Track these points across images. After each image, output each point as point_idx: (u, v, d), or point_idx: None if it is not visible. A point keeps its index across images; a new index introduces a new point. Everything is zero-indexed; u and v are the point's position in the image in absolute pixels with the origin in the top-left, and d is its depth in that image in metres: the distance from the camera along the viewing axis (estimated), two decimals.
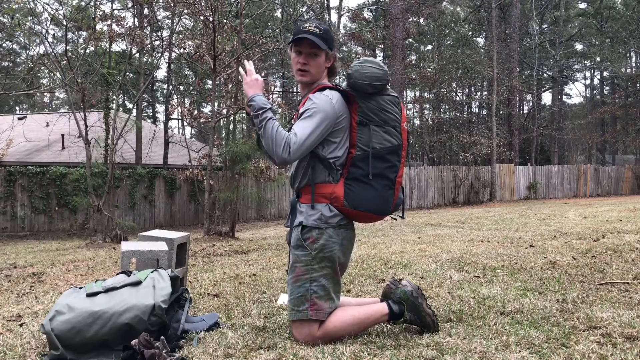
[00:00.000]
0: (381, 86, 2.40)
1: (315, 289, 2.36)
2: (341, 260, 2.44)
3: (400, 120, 2.45)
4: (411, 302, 2.45)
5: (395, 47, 21.39)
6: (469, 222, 9.76)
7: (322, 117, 2.34)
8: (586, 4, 34.26)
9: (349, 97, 2.42)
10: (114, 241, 9.10)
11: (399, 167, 2.43)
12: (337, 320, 2.36)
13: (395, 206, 2.47)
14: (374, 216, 2.44)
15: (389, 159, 2.40)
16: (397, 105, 2.45)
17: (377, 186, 2.38)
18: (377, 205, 2.40)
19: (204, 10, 9.96)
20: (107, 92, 13.41)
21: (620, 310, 2.70)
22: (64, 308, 2.34)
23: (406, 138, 2.48)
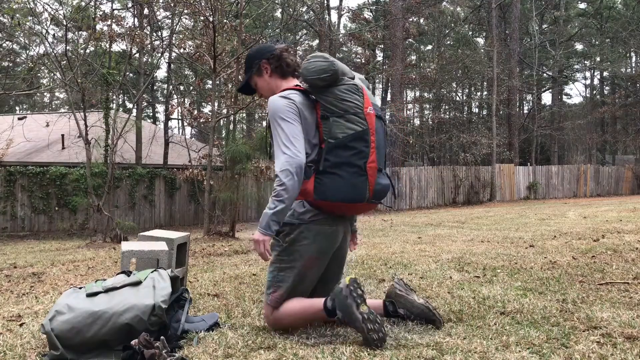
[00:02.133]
0: (330, 77, 2.41)
1: (280, 279, 2.49)
2: (315, 255, 2.48)
3: (362, 106, 2.44)
4: (340, 301, 2.33)
5: (395, 47, 21.39)
6: (469, 222, 9.76)
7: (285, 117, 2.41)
8: (586, 4, 34.25)
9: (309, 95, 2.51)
10: (114, 241, 9.10)
11: (368, 153, 2.40)
12: (283, 310, 2.47)
13: (375, 192, 2.42)
14: (350, 205, 2.41)
15: (354, 146, 2.39)
16: (357, 92, 2.45)
17: (344, 174, 2.38)
18: (347, 192, 2.38)
19: (204, 10, 9.96)
20: (107, 92, 13.41)
21: (620, 310, 2.70)
22: (64, 308, 2.34)
23: (373, 122, 2.44)
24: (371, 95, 2.56)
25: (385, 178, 2.51)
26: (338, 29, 24.89)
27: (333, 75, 2.43)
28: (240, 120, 20.05)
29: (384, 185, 2.48)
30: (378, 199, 2.48)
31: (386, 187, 2.50)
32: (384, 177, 2.50)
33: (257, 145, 9.32)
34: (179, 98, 20.78)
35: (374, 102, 2.53)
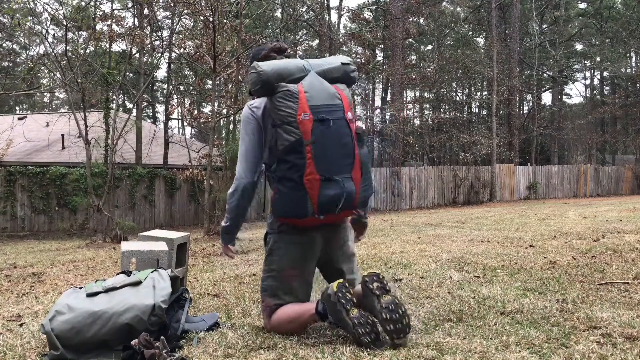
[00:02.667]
0: (260, 89, 2.33)
1: (264, 286, 2.54)
2: (291, 265, 2.46)
3: (294, 113, 2.24)
4: (330, 307, 2.29)
5: (395, 47, 21.39)
6: (469, 222, 9.76)
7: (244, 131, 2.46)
8: (586, 4, 34.25)
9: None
10: (114, 241, 9.10)
11: (303, 165, 2.22)
12: (276, 317, 2.46)
13: (320, 205, 2.25)
14: (303, 220, 2.32)
15: (287, 159, 2.25)
16: (290, 98, 2.25)
17: (284, 189, 2.28)
18: (288, 209, 2.32)
19: (204, 10, 9.96)
20: (107, 92, 13.42)
21: (620, 310, 2.70)
22: (64, 308, 2.34)
23: (309, 129, 2.22)
24: (320, 91, 2.31)
25: (336, 187, 2.26)
26: (338, 29, 24.90)
27: (263, 86, 2.32)
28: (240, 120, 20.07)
29: (332, 196, 2.25)
30: (330, 211, 2.29)
31: (338, 197, 2.26)
32: (334, 187, 2.26)
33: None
34: (179, 98, 20.78)
35: (315, 103, 2.27)
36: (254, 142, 2.43)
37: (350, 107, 2.37)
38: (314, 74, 2.37)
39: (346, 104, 2.35)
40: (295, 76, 2.33)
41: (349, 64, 2.48)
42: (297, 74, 2.34)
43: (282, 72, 2.32)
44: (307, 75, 2.35)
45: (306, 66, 2.38)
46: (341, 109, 2.32)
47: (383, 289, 2.28)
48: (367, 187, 2.40)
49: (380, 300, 2.25)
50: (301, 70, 2.36)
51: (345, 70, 2.46)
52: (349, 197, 2.30)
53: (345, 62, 2.47)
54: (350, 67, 2.48)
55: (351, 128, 2.33)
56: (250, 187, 2.46)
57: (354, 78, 2.50)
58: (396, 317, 2.20)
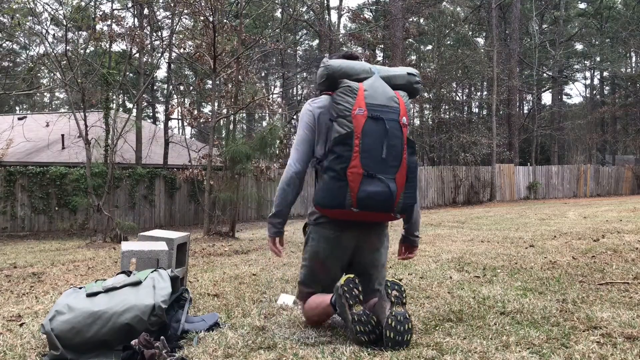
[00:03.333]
0: (325, 82, 2.45)
1: (299, 274, 2.68)
2: (320, 258, 2.54)
3: (350, 108, 2.33)
4: (337, 299, 2.34)
5: (395, 47, 21.39)
6: (469, 222, 9.76)
7: (300, 124, 2.57)
8: (586, 4, 34.25)
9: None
10: (114, 241, 9.10)
11: (348, 157, 2.29)
12: (306, 305, 2.58)
13: (359, 200, 2.29)
14: (336, 211, 2.37)
15: (336, 151, 2.32)
16: (349, 94, 2.35)
17: (326, 179, 2.34)
18: (324, 197, 2.36)
19: (204, 10, 9.96)
20: (107, 92, 13.41)
21: (620, 310, 2.70)
22: (64, 308, 2.34)
23: (361, 124, 2.30)
24: (380, 93, 2.39)
25: (379, 185, 2.30)
26: (338, 29, 24.89)
27: (327, 79, 2.44)
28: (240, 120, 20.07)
29: (372, 193, 2.29)
30: (369, 208, 2.32)
31: (377, 195, 2.30)
32: (378, 184, 2.30)
33: (257, 145, 9.31)
34: (179, 98, 20.78)
35: (372, 102, 2.35)
36: (306, 134, 2.52)
37: (406, 112, 2.42)
38: (378, 77, 2.45)
39: (403, 109, 2.41)
40: (360, 76, 2.43)
41: (415, 75, 2.54)
42: (362, 74, 2.44)
43: (348, 70, 2.44)
44: (371, 77, 2.44)
45: (372, 69, 2.48)
46: (397, 112, 2.38)
47: (399, 299, 2.29)
48: (410, 195, 2.42)
49: (392, 307, 2.26)
50: (366, 72, 2.46)
51: (410, 80, 2.52)
52: (390, 198, 2.33)
53: (411, 73, 2.55)
54: (415, 79, 2.54)
55: (403, 132, 2.38)
56: (296, 176, 2.52)
57: (417, 89, 2.55)
58: (401, 329, 2.21)
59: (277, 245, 2.62)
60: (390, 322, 2.23)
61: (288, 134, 11.55)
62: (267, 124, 11.36)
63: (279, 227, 2.60)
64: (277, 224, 2.59)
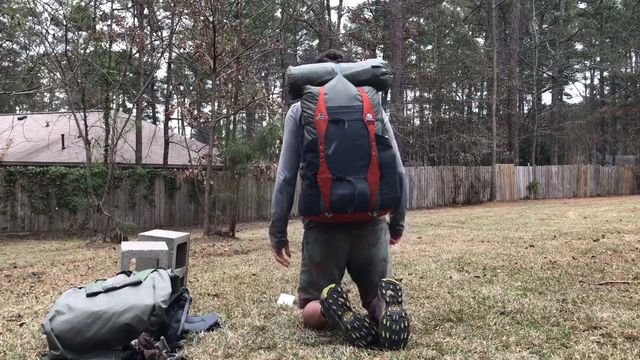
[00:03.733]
0: (290, 90, 2.47)
1: (300, 281, 2.66)
2: (317, 261, 2.55)
3: (312, 114, 2.32)
4: (325, 311, 2.31)
5: (395, 47, 21.39)
6: (469, 222, 9.76)
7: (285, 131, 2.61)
8: (586, 4, 34.26)
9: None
10: (114, 241, 9.10)
11: (317, 164, 2.28)
12: (304, 311, 2.59)
13: (332, 204, 2.27)
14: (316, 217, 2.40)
15: (307, 158, 2.33)
16: (311, 100, 2.34)
17: (303, 187, 2.37)
18: (303, 206, 2.37)
19: (204, 10, 9.96)
20: (107, 92, 13.41)
21: (620, 310, 2.70)
22: (64, 308, 2.34)
23: (323, 129, 2.28)
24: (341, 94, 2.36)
25: (348, 187, 2.27)
26: (338, 29, 24.88)
27: (291, 88, 2.46)
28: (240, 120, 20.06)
29: (342, 196, 2.27)
30: (342, 211, 2.30)
31: (347, 197, 2.27)
32: (345, 186, 2.27)
33: (257, 145, 9.32)
34: (179, 98, 20.79)
35: (332, 105, 2.32)
36: (291, 141, 2.55)
37: (372, 109, 2.37)
38: (340, 76, 2.43)
39: (367, 106, 2.36)
40: (323, 79, 2.43)
41: (380, 66, 2.48)
42: (325, 77, 2.43)
43: (310, 76, 2.44)
44: (333, 78, 2.42)
45: (335, 69, 2.46)
46: (359, 110, 2.34)
47: (394, 299, 2.27)
48: (389, 190, 2.35)
49: (388, 307, 2.25)
50: (329, 73, 2.45)
51: (374, 73, 2.47)
52: (362, 198, 2.29)
53: (376, 65, 2.48)
54: (380, 70, 2.47)
55: (369, 130, 2.33)
56: (285, 183, 2.55)
57: (384, 81, 2.48)
58: (396, 329, 2.19)
59: (282, 256, 2.67)
60: (386, 322, 2.22)
61: None
62: (267, 124, 11.35)
63: (279, 236, 2.63)
64: (277, 233, 2.63)
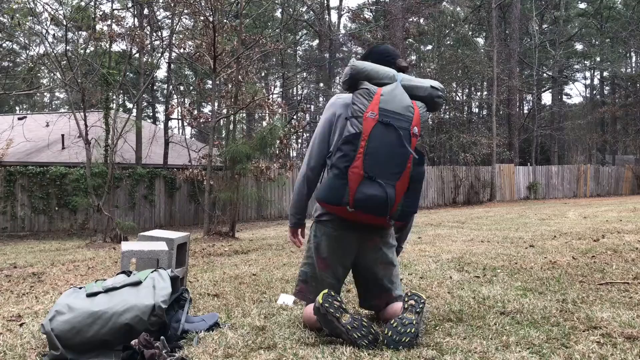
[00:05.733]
0: (348, 81, 2.51)
1: (300, 272, 2.66)
2: (322, 255, 2.54)
3: (364, 109, 2.36)
4: (321, 318, 2.29)
5: (395, 47, 21.34)
6: (469, 222, 9.76)
7: (321, 118, 2.64)
8: (586, 4, 34.25)
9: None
10: (114, 241, 9.10)
11: (352, 157, 2.31)
12: (304, 313, 2.56)
13: (355, 201, 2.29)
14: (333, 207, 2.39)
15: (343, 149, 2.35)
16: (366, 96, 2.39)
17: (330, 175, 2.39)
18: (324, 192, 2.38)
19: (204, 10, 9.96)
20: (107, 92, 13.41)
21: (620, 310, 2.70)
22: (64, 308, 2.34)
23: (369, 127, 2.32)
24: (397, 100, 2.39)
25: (377, 189, 2.30)
26: (338, 29, 24.90)
27: (350, 79, 2.49)
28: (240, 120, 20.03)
29: (369, 196, 2.29)
30: (364, 210, 2.33)
31: (374, 198, 2.29)
32: (376, 188, 2.30)
33: (257, 145, 9.31)
34: (179, 98, 20.79)
35: (386, 107, 2.36)
36: (324, 131, 2.58)
37: (419, 123, 2.41)
38: (399, 85, 2.47)
39: (416, 119, 2.40)
40: (382, 81, 2.47)
41: (438, 89, 2.52)
42: (384, 79, 2.47)
43: (371, 73, 2.47)
44: (393, 84, 2.46)
45: (396, 76, 2.50)
46: (409, 121, 2.38)
47: (413, 308, 2.31)
48: (411, 204, 2.40)
49: (404, 313, 2.30)
50: (390, 78, 2.49)
51: (431, 94, 2.50)
52: (385, 203, 2.32)
53: (435, 87, 2.52)
54: (438, 93, 2.51)
55: (412, 142, 2.37)
56: (309, 171, 2.59)
57: (437, 104, 2.53)
58: (401, 331, 2.20)
59: (297, 237, 2.73)
60: (394, 322, 2.25)
61: (288, 134, 11.54)
62: (267, 124, 11.35)
63: (298, 217, 2.69)
64: (296, 214, 2.69)
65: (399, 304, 2.50)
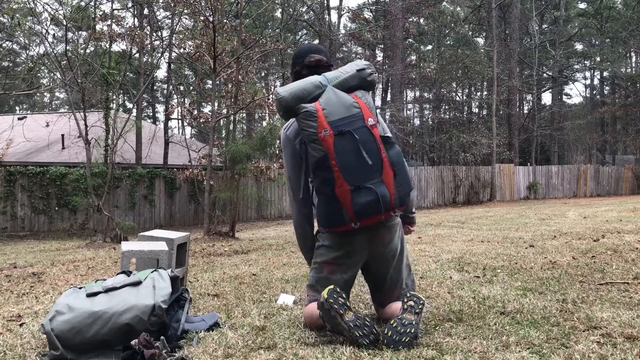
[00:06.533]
0: (284, 114, 2.46)
1: (310, 278, 2.64)
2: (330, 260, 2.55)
3: (315, 132, 2.32)
4: (324, 314, 2.29)
5: (395, 47, 21.40)
6: (469, 222, 9.75)
7: (284, 154, 2.64)
8: (586, 4, 34.25)
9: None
10: (114, 241, 9.10)
11: (332, 179, 2.30)
12: (304, 312, 2.58)
13: (356, 213, 2.31)
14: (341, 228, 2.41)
15: (318, 174, 2.36)
16: (310, 118, 2.34)
17: (320, 201, 2.41)
18: (325, 221, 2.43)
19: (204, 10, 9.96)
20: (107, 92, 13.41)
21: (620, 310, 2.70)
22: (64, 308, 2.34)
23: (331, 144, 2.30)
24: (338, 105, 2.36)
25: (369, 194, 2.31)
26: (338, 29, 24.89)
27: (285, 111, 2.43)
28: (240, 120, 20.05)
29: (365, 203, 2.31)
30: (367, 216, 2.34)
31: (371, 204, 2.31)
32: (367, 194, 2.31)
33: (257, 145, 9.31)
34: (179, 98, 20.78)
35: (333, 119, 2.33)
36: (293, 162, 2.59)
37: (370, 112, 2.39)
38: (331, 88, 2.42)
39: (365, 111, 2.37)
40: (314, 94, 2.40)
41: (364, 68, 2.47)
42: (315, 91, 2.41)
43: (301, 95, 2.41)
44: (324, 91, 2.41)
45: (323, 82, 2.44)
46: (360, 117, 2.36)
47: (413, 309, 2.32)
48: (404, 185, 2.40)
49: (403, 314, 2.30)
50: (318, 87, 2.42)
51: (361, 76, 2.47)
52: (384, 200, 2.33)
53: (360, 68, 2.47)
54: (366, 72, 2.47)
55: (374, 134, 2.35)
56: (302, 204, 2.61)
57: (371, 82, 2.49)
58: (401, 331, 2.21)
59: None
60: (393, 322, 2.25)
61: None
62: (267, 124, 11.36)
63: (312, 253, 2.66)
64: (308, 251, 2.68)
65: (398, 304, 2.51)
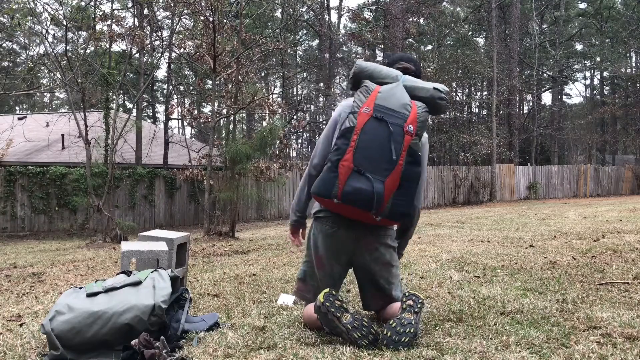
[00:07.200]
0: (351, 80, 2.56)
1: (299, 271, 2.73)
2: (319, 253, 2.57)
3: (359, 105, 2.39)
4: (322, 317, 2.30)
5: (395, 47, 21.38)
6: (469, 222, 9.75)
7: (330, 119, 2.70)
8: (586, 4, 34.25)
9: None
10: (114, 241, 9.10)
11: (344, 151, 2.32)
12: (304, 313, 2.59)
13: (344, 194, 2.28)
14: (323, 199, 2.38)
15: (337, 143, 2.38)
16: (365, 93, 2.42)
17: (325, 169, 2.41)
18: (318, 185, 2.38)
19: (204, 10, 9.96)
20: (107, 92, 13.41)
21: (620, 310, 2.70)
22: (64, 308, 2.34)
23: (362, 121, 2.33)
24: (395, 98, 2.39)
25: (365, 183, 2.28)
26: (338, 29, 24.90)
27: (353, 78, 2.55)
28: (240, 120, 20.04)
29: (356, 189, 2.28)
30: (350, 202, 2.30)
31: (360, 192, 2.27)
32: (363, 182, 2.28)
33: (257, 145, 9.31)
34: (179, 98, 20.79)
35: (382, 103, 2.36)
36: (329, 132, 2.63)
37: (416, 122, 2.36)
38: (401, 84, 2.46)
39: (412, 117, 2.37)
40: (384, 80, 2.48)
41: (440, 91, 2.47)
42: (387, 79, 2.49)
43: (374, 73, 2.50)
44: (394, 83, 2.46)
45: (398, 77, 2.50)
46: (404, 118, 2.35)
47: (411, 308, 2.31)
48: (402, 203, 2.33)
49: (402, 313, 2.30)
50: (393, 78, 2.49)
51: (433, 95, 2.45)
52: (377, 197, 2.29)
53: (437, 88, 2.47)
54: (440, 94, 2.46)
55: (405, 139, 2.33)
56: (313, 169, 2.61)
57: (440, 105, 2.46)
58: (400, 331, 2.21)
59: (298, 237, 2.76)
60: (392, 322, 2.25)
61: (288, 134, 11.55)
62: (267, 124, 11.36)
63: (298, 215, 2.70)
64: (297, 212, 2.70)
65: (398, 304, 2.50)
